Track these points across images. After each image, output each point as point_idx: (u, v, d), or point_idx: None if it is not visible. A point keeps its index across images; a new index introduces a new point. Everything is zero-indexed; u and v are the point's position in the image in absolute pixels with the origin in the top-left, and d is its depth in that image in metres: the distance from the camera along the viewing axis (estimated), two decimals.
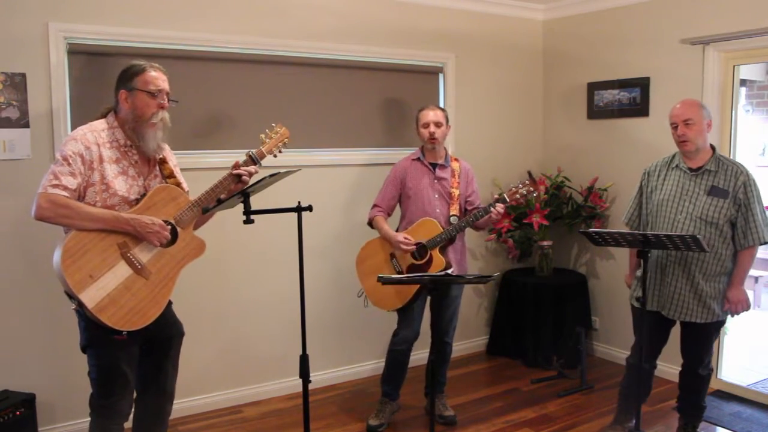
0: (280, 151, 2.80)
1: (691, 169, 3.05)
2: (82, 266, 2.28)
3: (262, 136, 2.76)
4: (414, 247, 3.34)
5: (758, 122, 7.05)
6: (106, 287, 2.31)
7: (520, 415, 3.71)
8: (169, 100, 2.50)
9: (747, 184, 2.95)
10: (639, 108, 4.28)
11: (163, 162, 2.58)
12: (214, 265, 3.65)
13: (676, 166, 3.10)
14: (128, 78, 2.43)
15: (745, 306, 3.03)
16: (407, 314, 3.46)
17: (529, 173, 3.22)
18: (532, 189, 3.19)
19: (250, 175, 2.63)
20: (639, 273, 3.22)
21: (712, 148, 3.07)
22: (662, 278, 3.11)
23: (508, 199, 3.22)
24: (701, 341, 3.11)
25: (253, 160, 2.66)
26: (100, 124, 2.45)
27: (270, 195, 3.02)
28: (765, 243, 2.98)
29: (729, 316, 3.11)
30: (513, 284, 4.60)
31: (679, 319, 3.09)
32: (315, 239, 3.90)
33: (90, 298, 2.28)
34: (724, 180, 2.98)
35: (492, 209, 3.21)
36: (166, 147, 2.64)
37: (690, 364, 3.17)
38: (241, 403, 3.85)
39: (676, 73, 4.05)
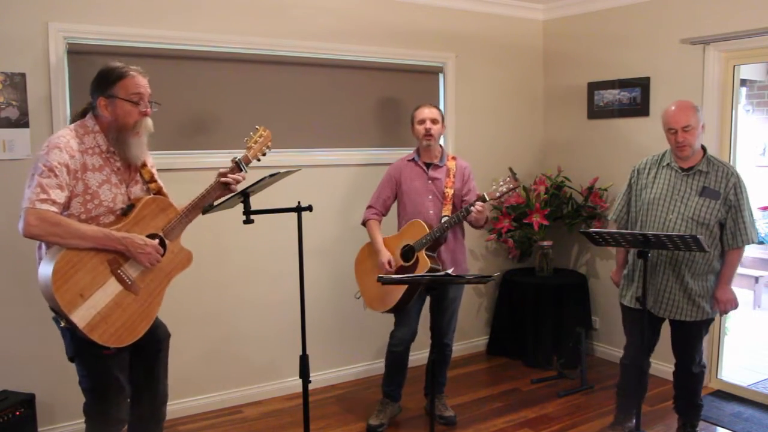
0: (263, 155, 2.70)
1: (682, 169, 3.05)
2: (72, 286, 2.19)
3: (246, 140, 2.67)
4: (393, 270, 3.35)
5: (758, 122, 7.05)
6: (97, 305, 2.24)
7: (520, 415, 3.71)
8: (151, 104, 2.39)
9: (737, 185, 2.97)
10: (639, 108, 4.28)
11: (142, 165, 2.48)
12: (215, 265, 3.66)
13: (667, 164, 3.10)
14: (107, 84, 2.31)
15: (734, 305, 3.06)
16: (403, 314, 3.46)
17: (511, 169, 3.20)
18: (512, 186, 3.18)
19: (237, 182, 2.56)
20: (626, 271, 3.25)
21: (703, 148, 3.07)
22: (652, 277, 3.11)
23: (488, 198, 3.21)
24: (691, 339, 3.12)
25: (239, 167, 2.58)
26: (81, 129, 2.33)
27: (269, 195, 3.02)
28: (752, 243, 3.02)
29: (718, 315, 3.12)
30: (513, 284, 4.60)
31: (669, 317, 3.10)
32: (314, 239, 3.89)
33: (81, 317, 2.20)
34: (715, 181, 2.99)
35: (472, 208, 3.20)
36: None
37: (682, 363, 3.19)
38: (241, 403, 3.85)
39: (676, 73, 4.05)
